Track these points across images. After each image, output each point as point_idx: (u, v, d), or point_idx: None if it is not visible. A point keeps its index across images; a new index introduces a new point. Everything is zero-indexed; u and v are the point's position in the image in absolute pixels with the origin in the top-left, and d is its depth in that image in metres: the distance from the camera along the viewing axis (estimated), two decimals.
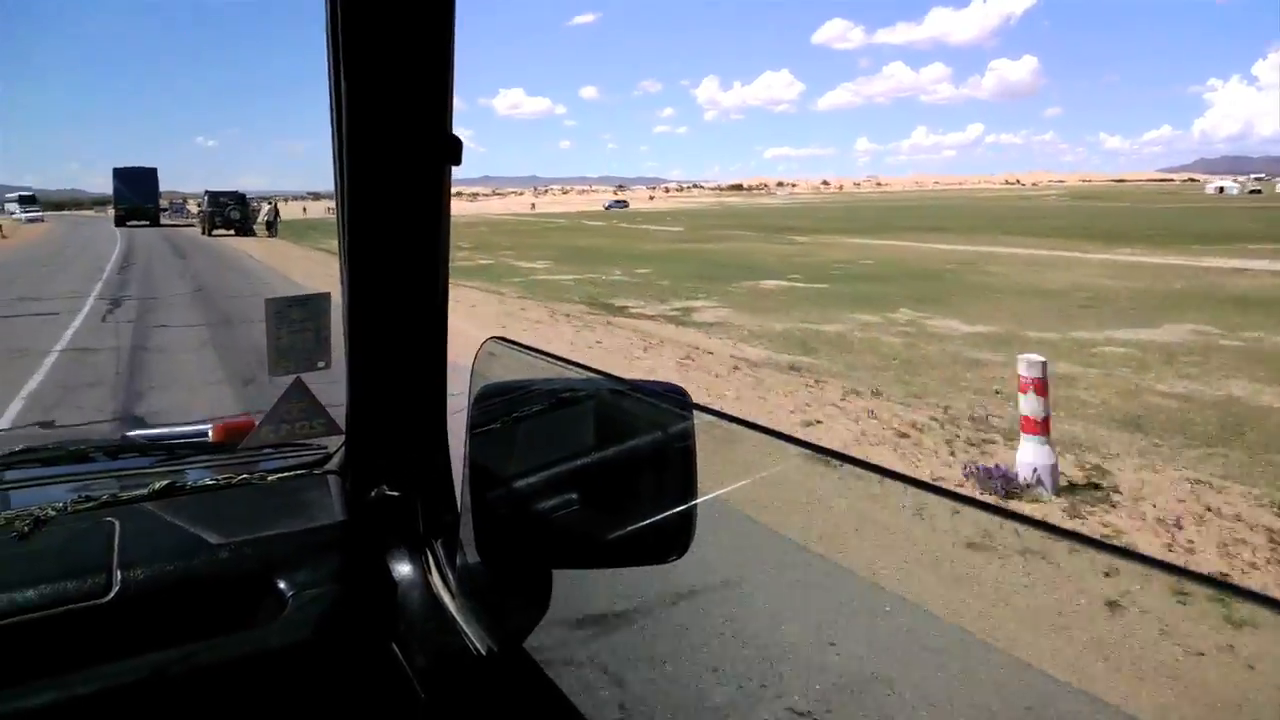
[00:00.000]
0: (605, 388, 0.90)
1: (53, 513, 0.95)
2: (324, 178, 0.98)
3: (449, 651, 0.92)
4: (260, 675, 0.85)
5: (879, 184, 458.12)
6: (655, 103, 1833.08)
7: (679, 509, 0.84)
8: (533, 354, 0.95)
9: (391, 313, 0.97)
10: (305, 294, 1.07)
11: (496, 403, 0.89)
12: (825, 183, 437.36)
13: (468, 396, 0.88)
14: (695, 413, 0.85)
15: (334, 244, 0.99)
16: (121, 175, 44.98)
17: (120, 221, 43.21)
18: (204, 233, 34.50)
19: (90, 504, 0.98)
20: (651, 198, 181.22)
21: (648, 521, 0.85)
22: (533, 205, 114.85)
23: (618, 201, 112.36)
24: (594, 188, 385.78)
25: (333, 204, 0.97)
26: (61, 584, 0.84)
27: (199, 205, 40.94)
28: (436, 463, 1.05)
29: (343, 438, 1.10)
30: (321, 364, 1.09)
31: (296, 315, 1.06)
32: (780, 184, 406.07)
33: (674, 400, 0.93)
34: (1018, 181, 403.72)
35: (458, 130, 0.92)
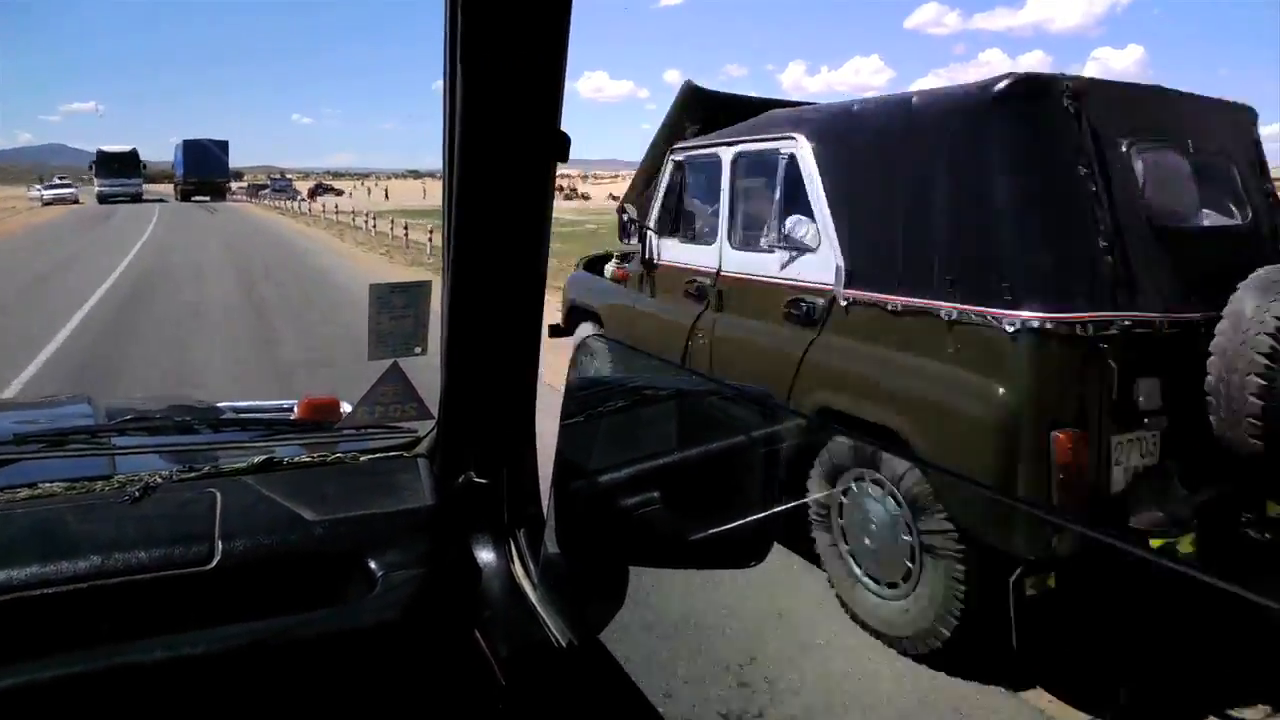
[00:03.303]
0: (692, 387, 0.90)
1: (159, 480, 1.00)
2: (430, 157, 0.98)
3: (529, 640, 0.94)
4: (348, 651, 0.88)
5: None
6: (738, 87, 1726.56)
7: (759, 514, 0.84)
8: (629, 350, 0.95)
9: (491, 303, 0.99)
10: (408, 281, 1.10)
11: (585, 397, 0.90)
12: None
13: (563, 386, 0.89)
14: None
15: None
16: (189, 148, 44.05)
17: (186, 197, 42.38)
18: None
19: (194, 474, 1.03)
20: None
21: (728, 524, 0.84)
22: None
23: None
24: None
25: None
26: (169, 549, 0.88)
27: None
28: (523, 453, 1.07)
29: (434, 423, 1.13)
30: (418, 350, 1.11)
31: (398, 301, 1.09)
32: None
33: (759, 402, 0.92)
34: None
35: None
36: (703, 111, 4.70)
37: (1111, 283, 2.68)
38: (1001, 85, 2.84)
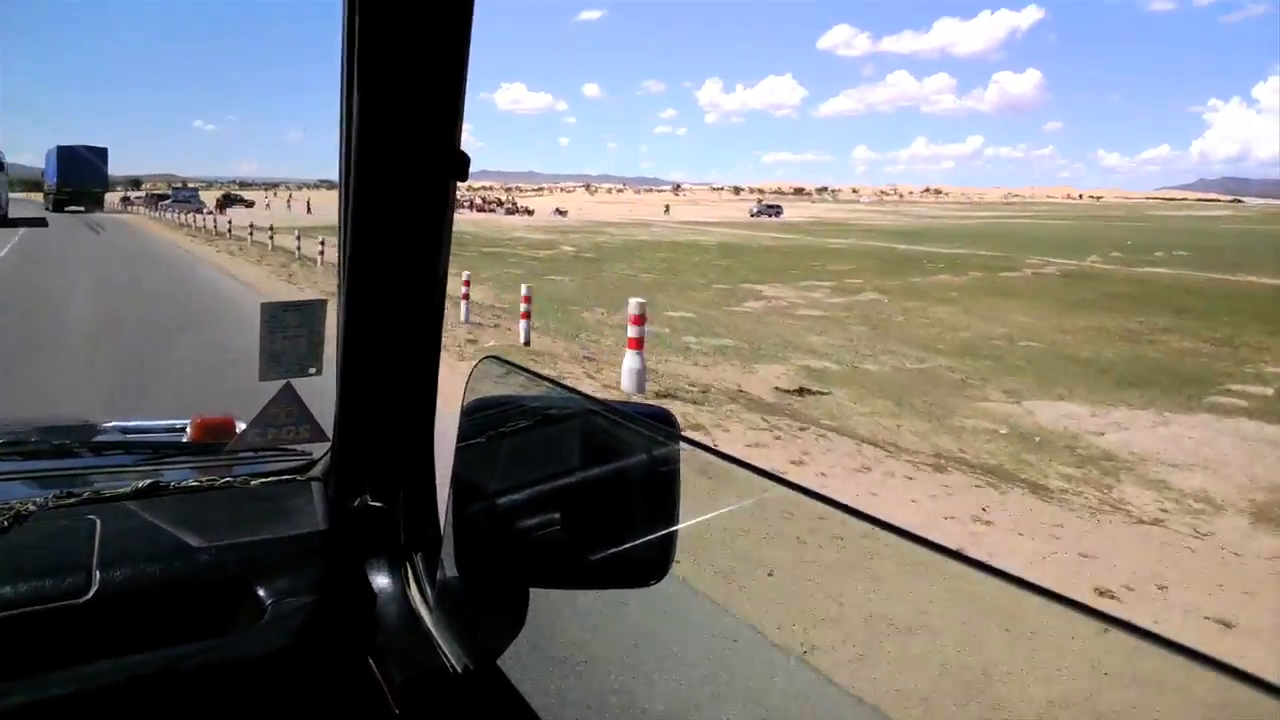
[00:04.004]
0: (592, 408, 0.91)
1: (33, 507, 0.94)
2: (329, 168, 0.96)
3: (424, 666, 0.92)
4: (236, 682, 0.85)
5: (938, 192, 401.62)
6: (657, 103, 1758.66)
7: (659, 533, 0.85)
8: (525, 374, 0.96)
9: (387, 323, 0.97)
10: (301, 300, 1.08)
11: (484, 418, 0.90)
12: (884, 192, 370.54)
13: (459, 413, 0.89)
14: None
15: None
16: (63, 155, 39.79)
17: (59, 207, 38.06)
18: None
19: (72, 500, 0.97)
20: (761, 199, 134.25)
21: (627, 545, 0.86)
22: (666, 209, 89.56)
23: (770, 207, 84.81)
24: (625, 188, 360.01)
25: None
26: (40, 581, 0.83)
27: None
28: (421, 476, 1.06)
29: (328, 445, 1.10)
30: (313, 370, 1.09)
31: (291, 320, 1.07)
32: (822, 190, 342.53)
33: (660, 424, 0.94)
34: (1017, 197, 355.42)
35: None
36: None
37: None
38: None
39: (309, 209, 53.02)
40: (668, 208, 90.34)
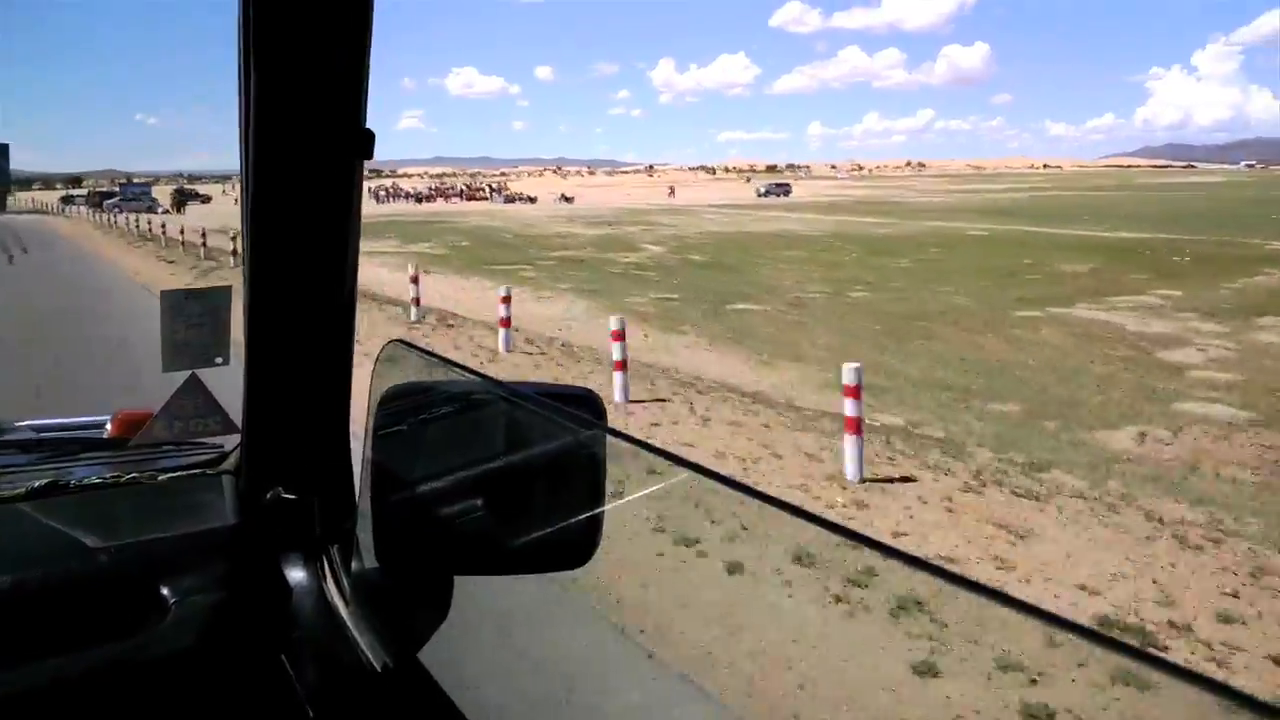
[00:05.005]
0: (515, 392, 0.88)
1: None
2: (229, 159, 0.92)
3: (339, 662, 0.89)
4: (136, 686, 0.81)
5: (920, 165, 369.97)
6: (611, 84, 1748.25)
7: (585, 515, 0.84)
8: (434, 360, 0.92)
9: (295, 309, 0.93)
10: (205, 287, 1.03)
11: (402, 405, 0.87)
12: (860, 166, 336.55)
13: (367, 399, 0.85)
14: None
15: None
16: None
17: None
18: None
19: None
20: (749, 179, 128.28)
21: (553, 528, 0.84)
22: (671, 191, 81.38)
23: (779, 186, 78.45)
24: (591, 170, 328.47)
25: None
26: None
27: None
28: (337, 466, 1.02)
29: (239, 437, 1.06)
30: (219, 359, 1.04)
31: (195, 308, 1.02)
32: (791, 166, 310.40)
33: (584, 406, 0.91)
34: (980, 168, 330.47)
35: (405, 111, 0.90)
36: None
37: None
38: None
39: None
40: (673, 190, 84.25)
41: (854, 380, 5.17)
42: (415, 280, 10.94)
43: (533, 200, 66.33)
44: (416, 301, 10.92)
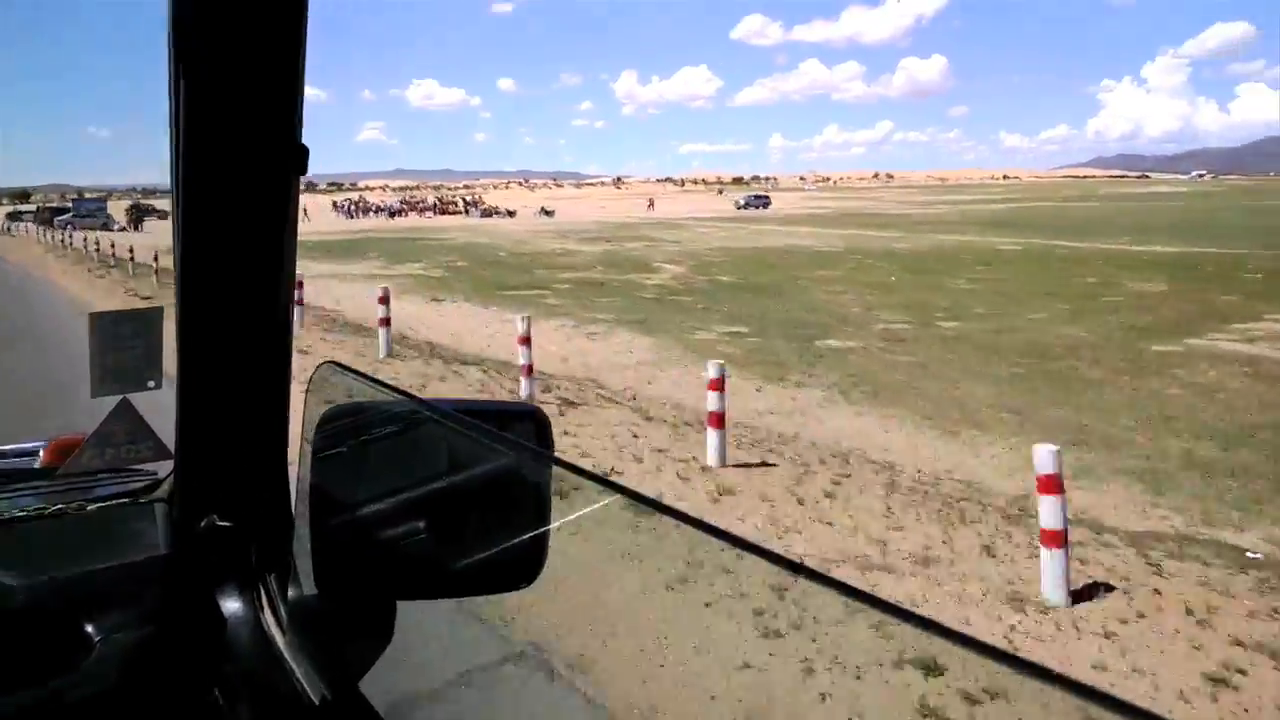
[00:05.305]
0: (458, 410, 0.87)
1: None
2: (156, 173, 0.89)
3: (277, 694, 0.86)
4: None
5: (889, 176, 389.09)
6: (573, 96, 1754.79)
7: (529, 535, 0.83)
8: (369, 382, 0.90)
9: (230, 330, 0.91)
10: (136, 308, 1.00)
11: (338, 427, 0.85)
12: (826, 178, 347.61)
13: (301, 424, 0.84)
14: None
15: None
16: None
17: None
18: None
19: None
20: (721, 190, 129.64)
21: (497, 549, 0.84)
22: (651, 204, 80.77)
23: (758, 198, 77.86)
24: (559, 182, 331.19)
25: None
26: None
27: None
28: (274, 491, 0.99)
29: (172, 464, 1.02)
30: (151, 383, 1.01)
31: (125, 330, 0.99)
32: (756, 178, 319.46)
33: (530, 425, 0.90)
34: (942, 180, 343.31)
35: (366, 123, 0.87)
36: None
37: None
38: None
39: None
40: (652, 202, 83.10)
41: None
42: (526, 341, 7.64)
43: (512, 214, 65.05)
44: (528, 370, 7.67)
